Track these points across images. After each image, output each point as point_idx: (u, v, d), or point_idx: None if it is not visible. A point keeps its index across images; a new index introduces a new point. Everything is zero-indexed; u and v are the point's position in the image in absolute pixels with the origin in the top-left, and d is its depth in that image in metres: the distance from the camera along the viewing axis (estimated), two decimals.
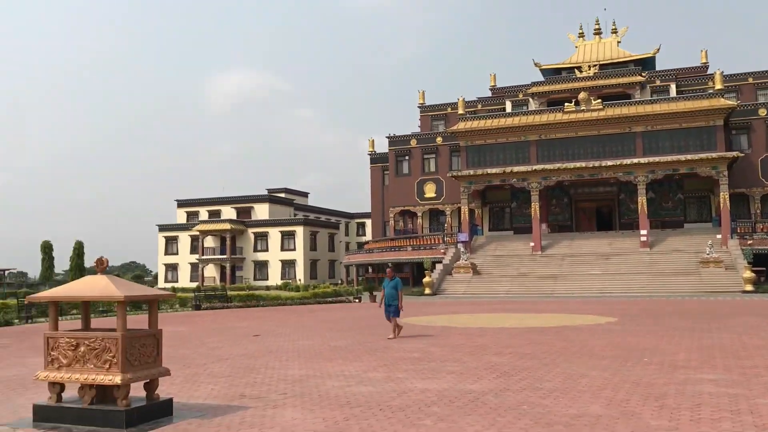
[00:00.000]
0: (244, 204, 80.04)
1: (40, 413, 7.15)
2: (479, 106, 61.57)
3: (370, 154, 65.76)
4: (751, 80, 56.08)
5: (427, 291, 44.17)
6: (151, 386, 7.33)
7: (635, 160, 47.69)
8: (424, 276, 45.83)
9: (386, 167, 62.97)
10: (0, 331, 21.17)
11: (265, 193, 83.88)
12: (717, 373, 10.00)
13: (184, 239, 78.26)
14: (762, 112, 50.38)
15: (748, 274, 38.48)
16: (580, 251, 48.31)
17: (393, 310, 16.27)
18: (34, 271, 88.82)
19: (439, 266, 48.16)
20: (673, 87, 55.85)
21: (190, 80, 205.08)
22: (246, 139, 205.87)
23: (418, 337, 16.44)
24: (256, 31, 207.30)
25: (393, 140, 61.08)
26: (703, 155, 46.32)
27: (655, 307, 27.55)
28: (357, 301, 40.41)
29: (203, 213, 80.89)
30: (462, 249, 49.09)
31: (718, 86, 47.91)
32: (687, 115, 47.16)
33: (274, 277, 72.80)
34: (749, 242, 43.35)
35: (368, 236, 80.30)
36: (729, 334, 15.55)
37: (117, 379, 6.78)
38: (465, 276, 46.59)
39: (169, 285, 74.68)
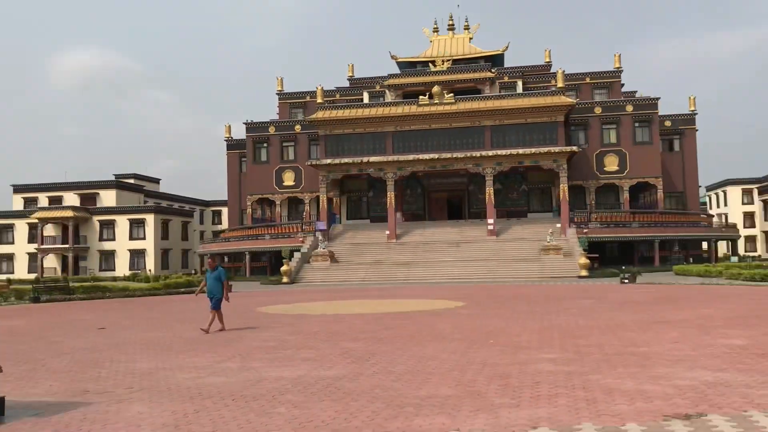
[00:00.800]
0: (88, 190, 75.58)
1: None
2: (338, 96, 61.83)
3: (227, 140, 64.24)
4: (588, 80, 60.27)
5: (285, 279, 43.96)
6: None
7: (484, 153, 49.81)
8: (283, 265, 45.56)
9: (244, 154, 61.77)
10: None
11: (112, 179, 79.70)
12: (555, 352, 10.71)
13: (21, 227, 72.68)
14: (597, 110, 54.37)
15: (583, 260, 41.59)
16: (432, 239, 49.94)
17: (214, 303, 15.26)
18: None
19: (297, 255, 48.03)
20: (519, 84, 58.77)
21: (29, 56, 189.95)
22: (92, 122, 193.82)
23: (274, 326, 16.33)
24: (105, 5, 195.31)
25: (251, 126, 59.98)
26: (545, 149, 49.21)
27: (500, 291, 28.98)
28: None
29: (43, 199, 75.52)
30: (320, 237, 49.25)
31: (560, 84, 51.07)
32: (531, 110, 49.87)
33: (122, 268, 69.37)
34: (585, 231, 46.81)
35: (225, 225, 78.44)
36: (566, 317, 16.70)
37: None
38: (323, 264, 46.79)
39: (3, 276, 69.10)
